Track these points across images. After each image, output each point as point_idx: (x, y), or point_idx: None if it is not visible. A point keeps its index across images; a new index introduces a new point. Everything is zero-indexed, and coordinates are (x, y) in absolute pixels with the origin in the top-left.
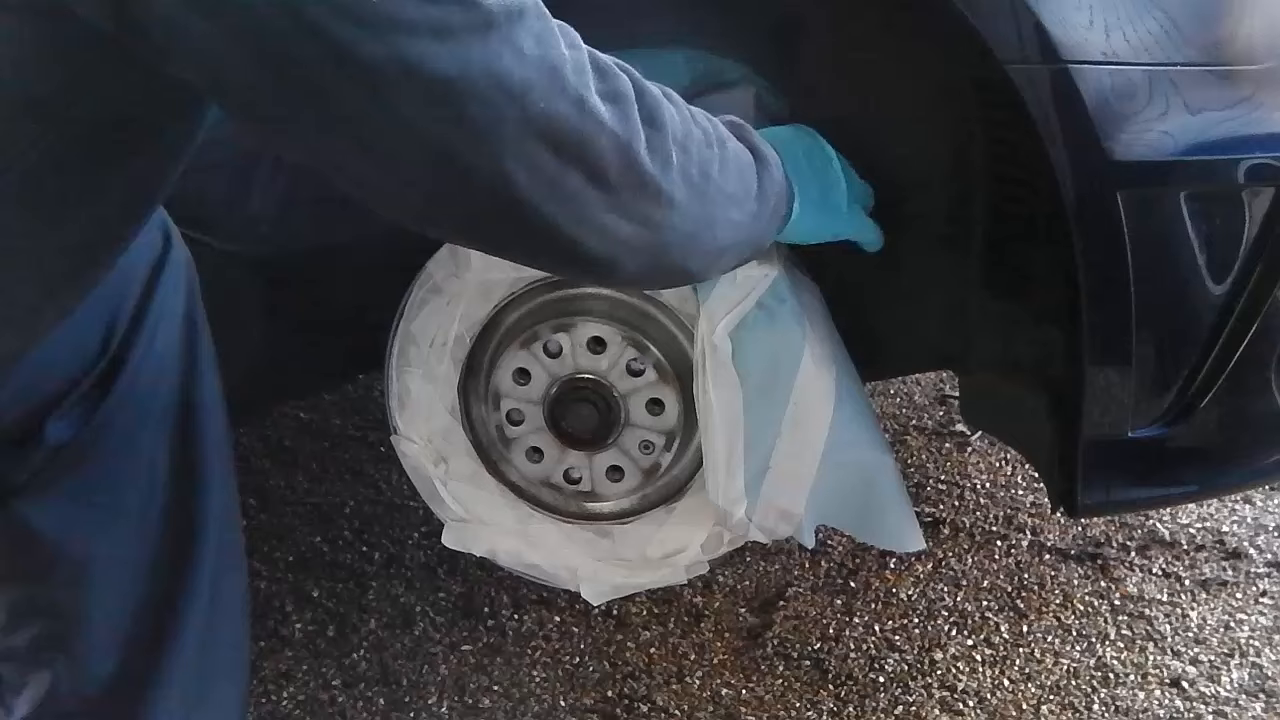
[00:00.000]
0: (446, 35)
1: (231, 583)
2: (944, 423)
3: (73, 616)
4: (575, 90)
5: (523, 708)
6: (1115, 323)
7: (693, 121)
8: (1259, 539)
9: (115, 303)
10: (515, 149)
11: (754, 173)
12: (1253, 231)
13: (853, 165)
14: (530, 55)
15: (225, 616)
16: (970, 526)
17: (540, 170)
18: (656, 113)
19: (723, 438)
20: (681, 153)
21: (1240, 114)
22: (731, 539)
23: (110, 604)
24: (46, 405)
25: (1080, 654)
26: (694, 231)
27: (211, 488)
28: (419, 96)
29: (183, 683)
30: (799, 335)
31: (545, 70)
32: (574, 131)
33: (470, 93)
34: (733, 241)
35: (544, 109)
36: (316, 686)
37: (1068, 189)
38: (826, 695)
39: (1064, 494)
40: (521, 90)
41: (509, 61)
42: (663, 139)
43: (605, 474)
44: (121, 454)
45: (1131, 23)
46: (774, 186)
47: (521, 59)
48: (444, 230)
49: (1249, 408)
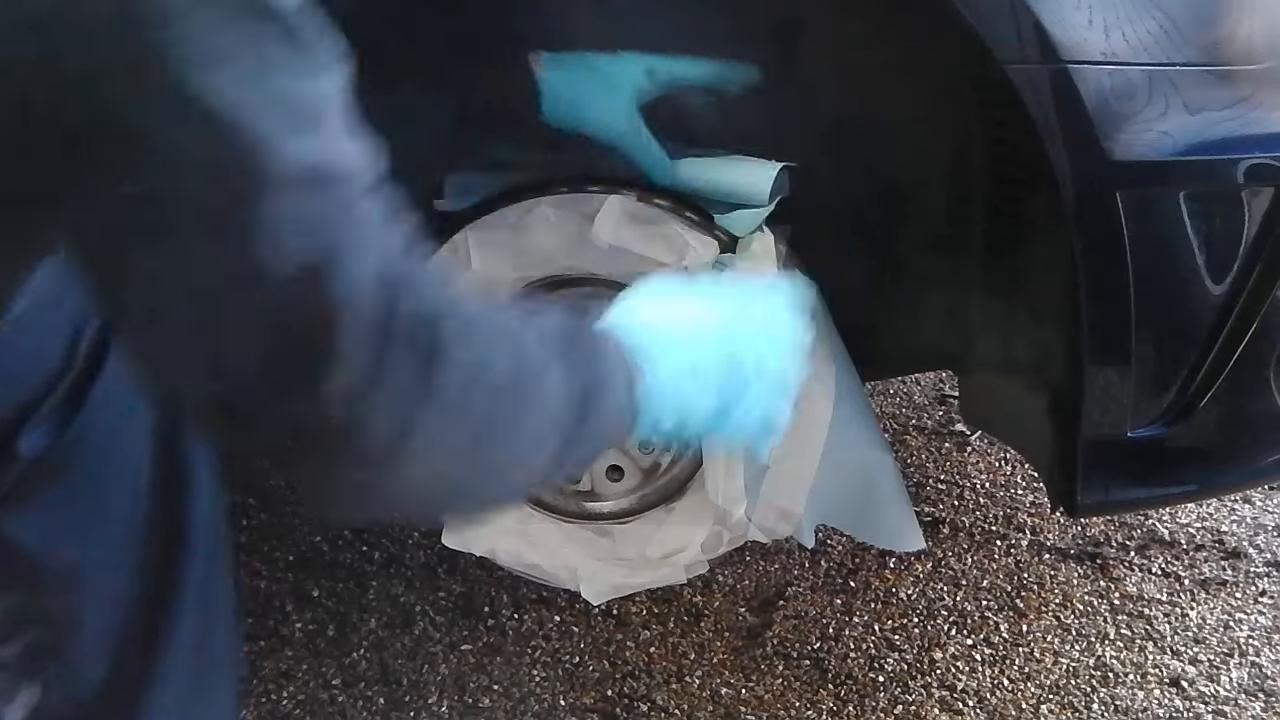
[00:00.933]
0: None
1: (220, 585)
2: (944, 423)
3: (63, 624)
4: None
5: (523, 707)
6: (1115, 323)
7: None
8: (1258, 539)
9: (80, 312)
10: None
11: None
12: (1252, 231)
13: None
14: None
15: (216, 618)
16: (970, 526)
17: None
18: (412, 374)
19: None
20: (409, 427)
21: (1240, 114)
22: (731, 538)
23: (100, 610)
24: (14, 418)
25: (1080, 653)
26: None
27: (198, 491)
28: None
29: (175, 685)
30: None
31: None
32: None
33: None
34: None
35: None
36: (316, 686)
37: (1067, 189)
38: (826, 695)
39: (1064, 494)
40: None
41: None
42: (397, 403)
43: (605, 473)
44: (102, 462)
45: (1131, 23)
46: (606, 418)
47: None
48: None
49: (1248, 407)
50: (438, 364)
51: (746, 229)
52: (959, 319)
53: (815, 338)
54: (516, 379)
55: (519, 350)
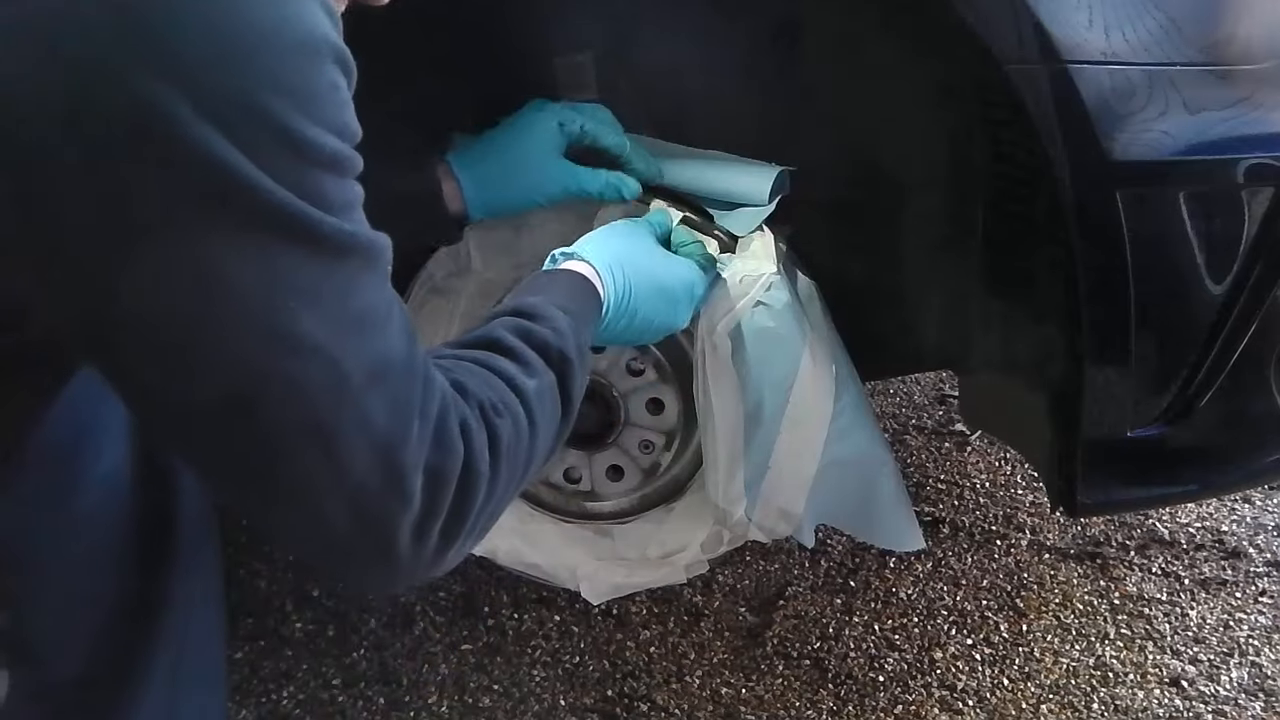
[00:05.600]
0: None
1: (208, 584)
2: (944, 422)
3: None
4: (399, 470)
5: (523, 707)
6: (1115, 322)
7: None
8: (1258, 538)
9: None
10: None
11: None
12: (1252, 231)
13: None
14: (375, 426)
15: (202, 617)
16: (970, 526)
17: (331, 521)
18: (470, 490)
19: (722, 437)
20: (475, 520)
21: (1240, 114)
22: (731, 538)
23: (74, 605)
24: None
25: (1080, 653)
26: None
27: (184, 490)
28: None
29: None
30: (798, 334)
31: (382, 445)
32: (379, 508)
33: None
34: None
35: (359, 479)
36: (316, 686)
37: (1067, 189)
38: (826, 694)
39: (1063, 493)
40: (348, 457)
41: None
42: (459, 520)
43: (605, 473)
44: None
45: (1131, 22)
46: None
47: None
48: None
49: (1248, 407)
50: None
51: (746, 229)
52: (959, 319)
53: (815, 338)
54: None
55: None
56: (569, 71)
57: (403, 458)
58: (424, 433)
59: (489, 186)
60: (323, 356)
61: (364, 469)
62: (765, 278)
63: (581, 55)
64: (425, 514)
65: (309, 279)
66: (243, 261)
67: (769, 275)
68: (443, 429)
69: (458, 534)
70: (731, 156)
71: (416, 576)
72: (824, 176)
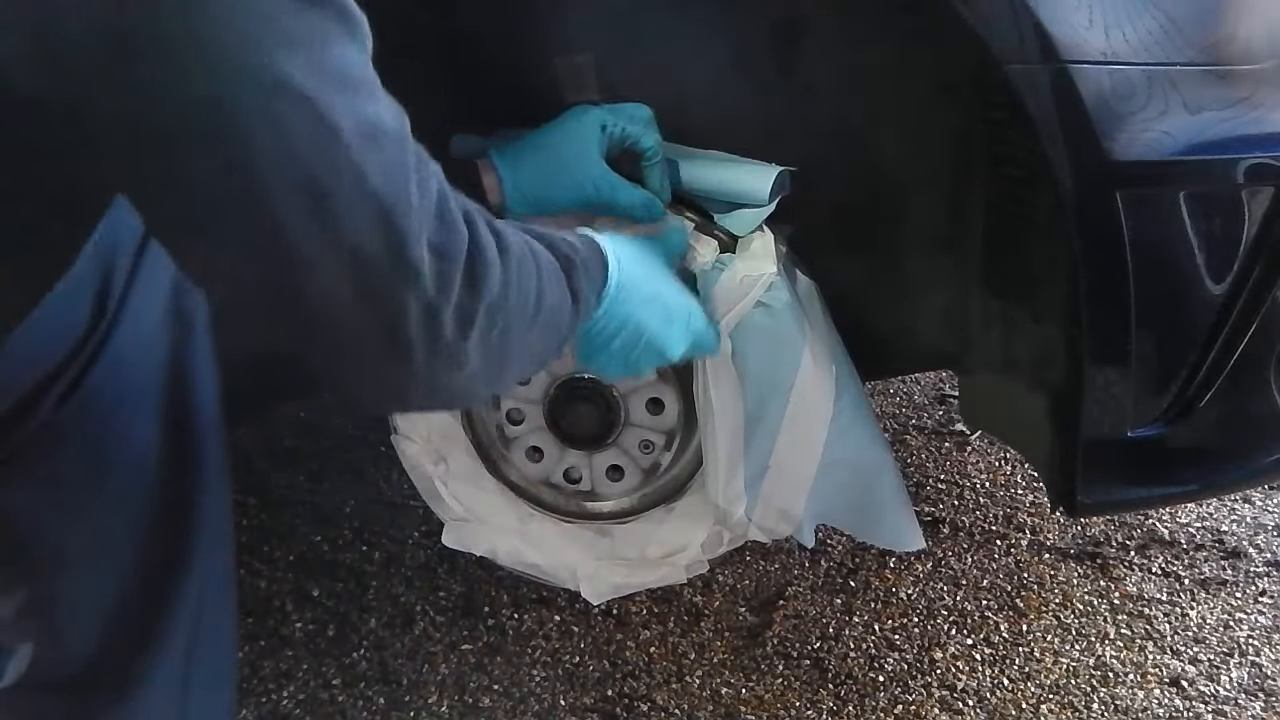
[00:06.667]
0: None
1: (223, 571)
2: (944, 422)
3: (46, 596)
4: (400, 235)
5: (523, 707)
6: (1115, 322)
7: (515, 281)
8: (1258, 538)
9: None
10: (315, 260)
11: (567, 314)
12: (1252, 231)
13: None
14: (370, 184)
15: (218, 604)
16: (970, 526)
17: (334, 296)
18: (480, 277)
19: (723, 437)
20: (487, 318)
21: (1240, 114)
22: (731, 538)
23: (90, 586)
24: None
25: (1080, 653)
26: (473, 388)
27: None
28: None
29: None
30: (799, 334)
31: (377, 206)
32: (382, 277)
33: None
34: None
35: (356, 240)
36: (316, 686)
37: (1067, 189)
38: (826, 694)
39: (1063, 493)
40: (344, 213)
41: (344, 182)
42: (474, 302)
43: (605, 473)
44: (102, 437)
45: (1131, 22)
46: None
47: (361, 183)
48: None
49: (1248, 407)
50: (476, 289)
51: (747, 229)
52: (959, 319)
53: (815, 338)
54: (529, 296)
55: (532, 266)
56: (569, 72)
57: (403, 223)
58: (424, 204)
59: (529, 183)
60: (308, 107)
61: (362, 228)
62: (765, 278)
63: (581, 56)
64: (435, 292)
65: (284, 20)
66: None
67: (769, 275)
68: (444, 207)
69: (471, 323)
70: (731, 156)
71: (436, 381)
72: (824, 176)
